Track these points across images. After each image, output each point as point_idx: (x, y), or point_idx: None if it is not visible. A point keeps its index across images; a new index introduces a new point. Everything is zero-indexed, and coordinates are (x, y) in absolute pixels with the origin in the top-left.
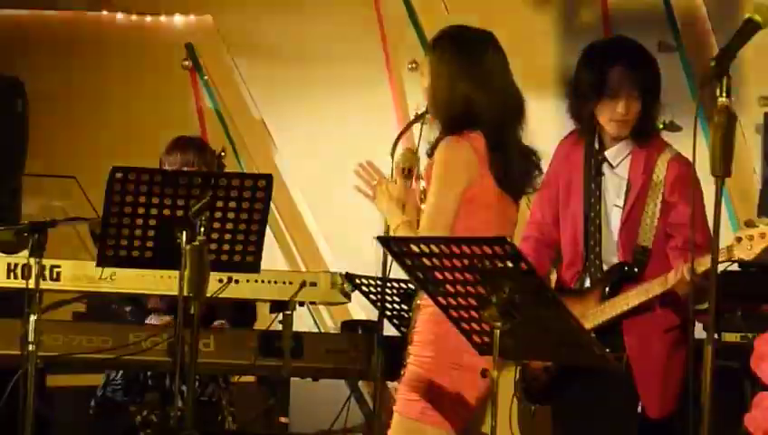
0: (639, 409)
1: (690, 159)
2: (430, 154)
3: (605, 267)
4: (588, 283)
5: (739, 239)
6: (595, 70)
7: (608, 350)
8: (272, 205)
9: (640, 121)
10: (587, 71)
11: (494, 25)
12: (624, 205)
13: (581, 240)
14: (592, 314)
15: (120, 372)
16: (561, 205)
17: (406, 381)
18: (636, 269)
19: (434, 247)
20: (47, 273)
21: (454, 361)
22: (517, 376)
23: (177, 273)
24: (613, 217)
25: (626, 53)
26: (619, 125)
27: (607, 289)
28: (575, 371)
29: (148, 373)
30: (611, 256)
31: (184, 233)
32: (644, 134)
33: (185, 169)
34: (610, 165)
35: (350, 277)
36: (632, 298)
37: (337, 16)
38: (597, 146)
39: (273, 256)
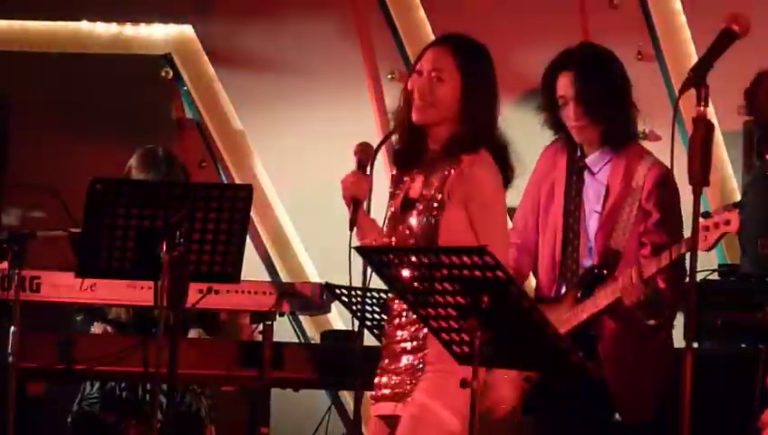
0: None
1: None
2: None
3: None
4: (564, 289)
5: None
6: (548, 79)
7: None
8: (252, 215)
9: (607, 128)
10: (543, 81)
11: (471, 33)
12: (602, 210)
13: (560, 246)
14: (566, 319)
15: (96, 385)
16: (541, 211)
17: (432, 395)
18: (605, 271)
19: (413, 258)
20: (27, 284)
21: None
22: None
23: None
24: (592, 223)
25: (573, 61)
26: (575, 131)
27: (579, 293)
28: (554, 380)
29: (122, 385)
30: (587, 260)
31: (164, 243)
32: (614, 140)
33: None
34: (591, 172)
35: (330, 287)
36: (600, 299)
37: (317, 27)
38: (579, 153)
39: (253, 267)
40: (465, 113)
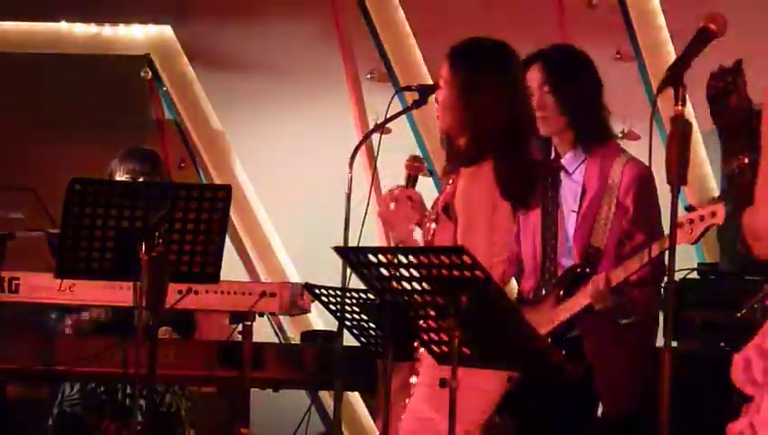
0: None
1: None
2: (449, 171)
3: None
4: (544, 290)
5: (681, 224)
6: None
7: (567, 355)
8: (231, 216)
9: (578, 128)
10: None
11: (450, 32)
12: (579, 210)
13: (540, 249)
14: (548, 319)
15: (76, 386)
16: (521, 216)
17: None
18: (587, 270)
19: (391, 257)
20: (6, 285)
21: None
22: None
23: (136, 284)
24: (570, 223)
25: (542, 54)
26: (539, 122)
27: (561, 292)
28: (535, 379)
29: (101, 387)
30: (567, 261)
31: (143, 244)
32: (586, 141)
33: (139, 179)
34: (567, 172)
35: (309, 288)
36: (581, 298)
37: (296, 27)
38: (553, 154)
39: (232, 267)
40: (467, 121)
